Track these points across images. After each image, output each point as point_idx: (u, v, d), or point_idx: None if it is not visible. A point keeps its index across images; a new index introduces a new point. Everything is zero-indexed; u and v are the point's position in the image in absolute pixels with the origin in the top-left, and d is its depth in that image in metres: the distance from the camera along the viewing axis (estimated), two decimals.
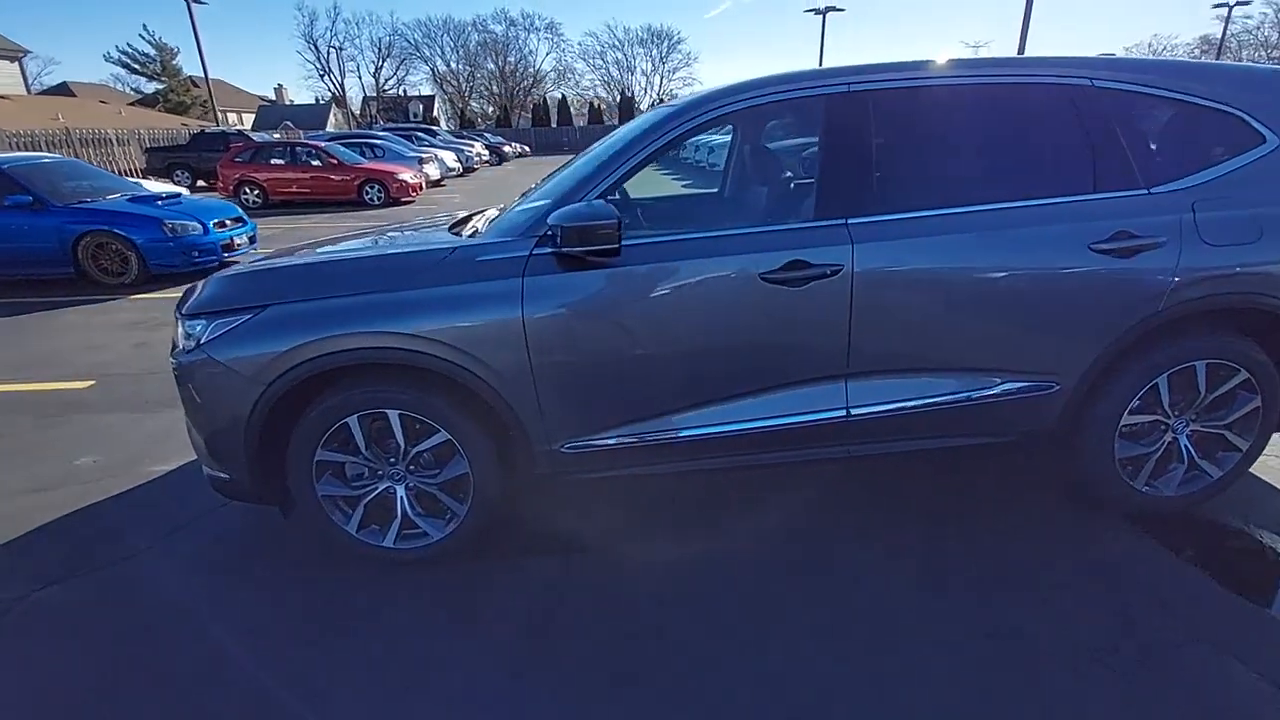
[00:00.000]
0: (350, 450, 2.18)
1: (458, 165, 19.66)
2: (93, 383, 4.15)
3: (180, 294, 2.49)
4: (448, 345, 2.04)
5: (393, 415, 2.13)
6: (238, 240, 7.38)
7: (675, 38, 61.05)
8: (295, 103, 59.25)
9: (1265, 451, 2.44)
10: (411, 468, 2.23)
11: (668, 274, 2.07)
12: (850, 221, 2.10)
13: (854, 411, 2.23)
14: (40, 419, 3.63)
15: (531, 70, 60.10)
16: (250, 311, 2.08)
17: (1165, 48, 58.71)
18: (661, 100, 57.55)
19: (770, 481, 2.77)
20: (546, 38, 74.40)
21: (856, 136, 2.15)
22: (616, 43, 60.18)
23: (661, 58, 60.33)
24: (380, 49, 56.97)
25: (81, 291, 6.44)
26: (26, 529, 2.59)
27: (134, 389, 4.03)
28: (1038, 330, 2.21)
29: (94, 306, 6.03)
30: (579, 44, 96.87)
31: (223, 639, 2.00)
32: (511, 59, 59.40)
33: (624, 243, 1.97)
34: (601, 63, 60.84)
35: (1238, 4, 34.30)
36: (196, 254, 6.85)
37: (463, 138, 26.76)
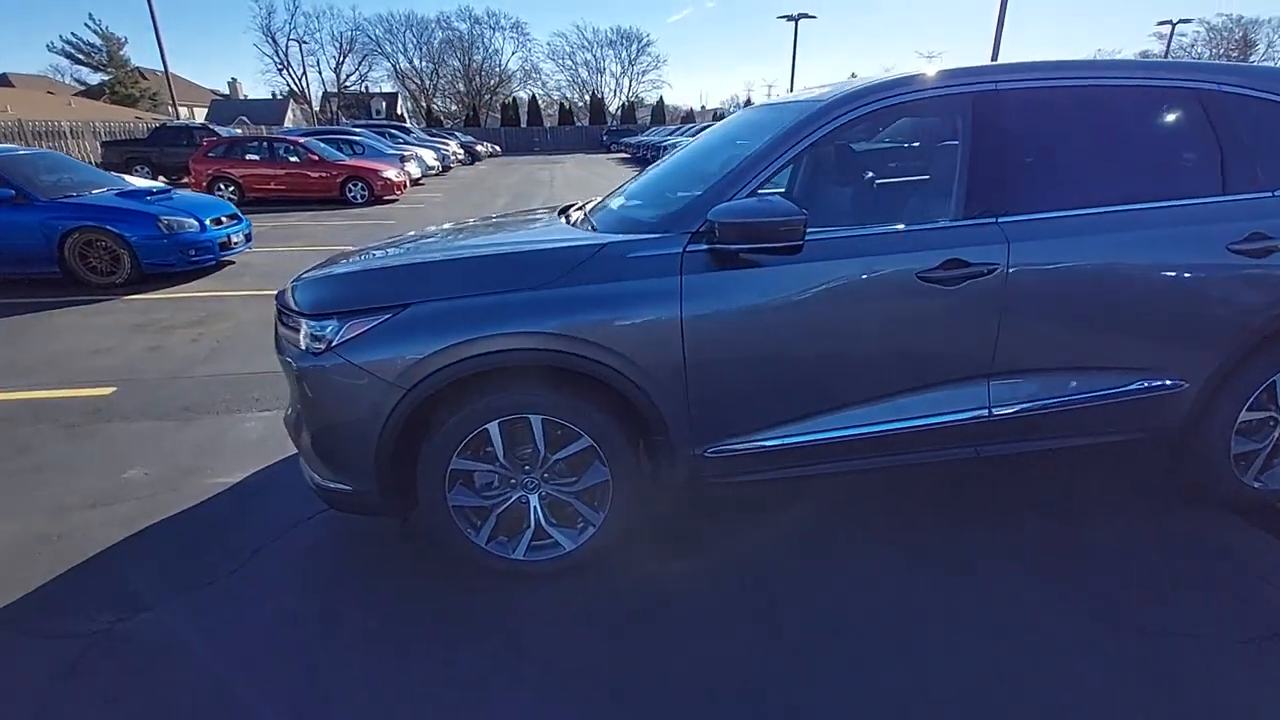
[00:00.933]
0: (486, 458, 2.05)
1: (437, 164, 19.22)
2: (114, 389, 3.85)
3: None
4: (601, 346, 1.94)
5: (535, 420, 2.01)
6: (234, 238, 7.02)
7: (644, 40, 61.24)
8: (250, 97, 57.14)
9: None
10: (546, 475, 2.11)
11: (834, 271, 2.00)
12: (1001, 220, 2.09)
13: (995, 411, 2.21)
14: (66, 428, 3.35)
15: (497, 69, 59.42)
16: (389, 311, 1.93)
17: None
18: (632, 104, 58.08)
19: (880, 484, 2.74)
20: (512, 37, 73.67)
21: (1006, 135, 2.13)
22: (586, 43, 60.01)
23: (631, 59, 60.44)
24: (342, 44, 55.44)
25: (68, 292, 6.00)
26: (95, 549, 2.36)
27: (162, 395, 3.76)
28: (1174, 328, 2.23)
29: (87, 308, 5.63)
30: (547, 44, 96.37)
31: (347, 666, 1.85)
32: (477, 57, 58.61)
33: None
34: (571, 63, 60.60)
35: (1180, 21, 36.40)
36: (193, 252, 6.48)
37: (435, 136, 26.20)
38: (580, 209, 2.84)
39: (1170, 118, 2.26)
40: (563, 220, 2.67)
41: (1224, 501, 2.53)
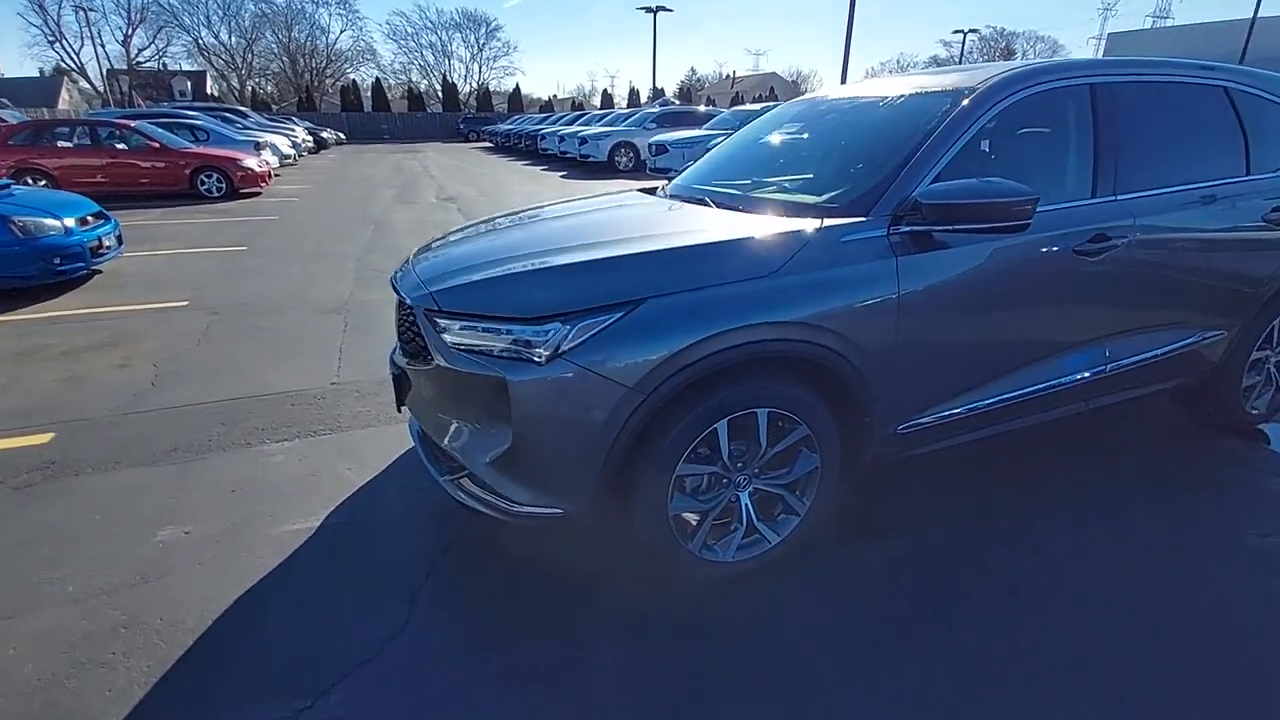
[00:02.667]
0: (708, 460, 1.92)
1: (293, 152, 17.12)
2: (52, 434, 3.03)
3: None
4: (831, 331, 1.89)
5: (761, 414, 1.91)
6: (106, 241, 5.79)
7: (492, 24, 59.13)
8: (6, 76, 46.75)
9: None
10: (759, 470, 2.03)
11: (1014, 248, 2.13)
12: (1120, 197, 2.35)
13: (1109, 367, 2.50)
14: (21, 490, 2.58)
15: (325, 48, 54.05)
16: (622, 309, 1.72)
17: (910, 64, 70.39)
18: (484, 89, 55.61)
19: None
20: (340, 13, 67.33)
21: (1117, 121, 2.39)
22: (429, 25, 56.58)
23: (479, 44, 57.98)
24: (131, 14, 47.09)
25: None
26: (194, 630, 1.87)
27: (125, 436, 3.03)
28: (1225, 286, 2.66)
29: None
30: (386, 23, 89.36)
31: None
32: (298, 34, 52.82)
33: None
34: (415, 45, 56.77)
35: (969, 31, 42.52)
36: (58, 260, 5.24)
37: (276, 122, 23.28)
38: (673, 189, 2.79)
39: (1216, 110, 2.68)
40: (678, 202, 2.60)
41: (1234, 427, 3.07)
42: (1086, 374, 2.45)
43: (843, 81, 24.97)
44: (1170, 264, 2.50)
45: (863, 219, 2.02)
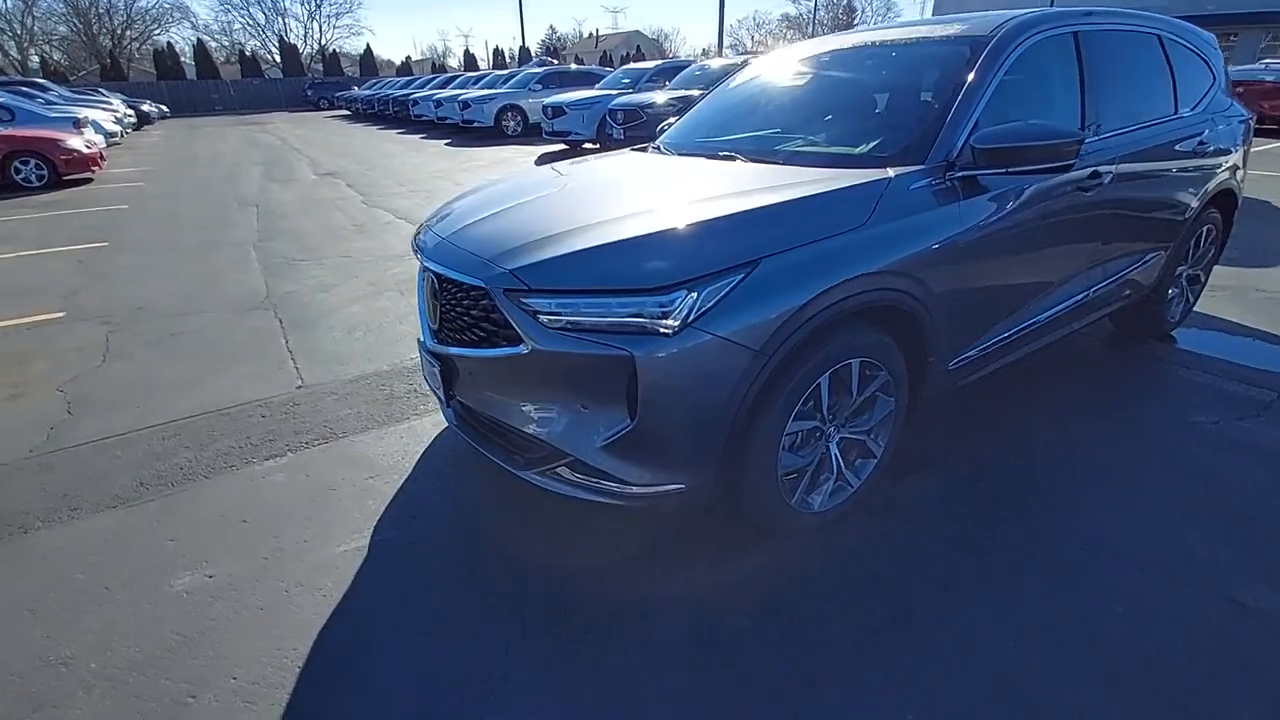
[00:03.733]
0: (811, 414, 1.93)
1: (118, 129, 14.61)
2: None
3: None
4: (912, 278, 1.94)
5: (855, 364, 1.93)
6: None
7: None
8: None
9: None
10: (845, 419, 2.07)
11: (1054, 185, 2.28)
12: (1103, 136, 2.58)
13: (1094, 289, 2.79)
14: None
15: (124, 6, 46.22)
16: (742, 270, 1.65)
17: (762, 21, 72.78)
18: (329, 51, 50.14)
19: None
20: None
21: (1094, 66, 2.60)
22: None
23: (316, 2, 52.13)
24: None
25: None
26: (287, 694, 1.62)
27: (67, 477, 2.52)
28: (1170, 209, 3.04)
29: None
30: None
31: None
32: None
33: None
34: (240, 0, 49.93)
35: None
36: None
37: (84, 95, 19.66)
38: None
39: (1154, 55, 3.00)
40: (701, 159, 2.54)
41: (1155, 334, 3.56)
42: (1080, 298, 2.72)
43: (719, 44, 25.28)
44: (1135, 195, 2.80)
45: (919, 166, 2.07)
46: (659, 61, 13.53)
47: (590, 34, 72.49)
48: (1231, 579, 1.91)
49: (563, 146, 13.18)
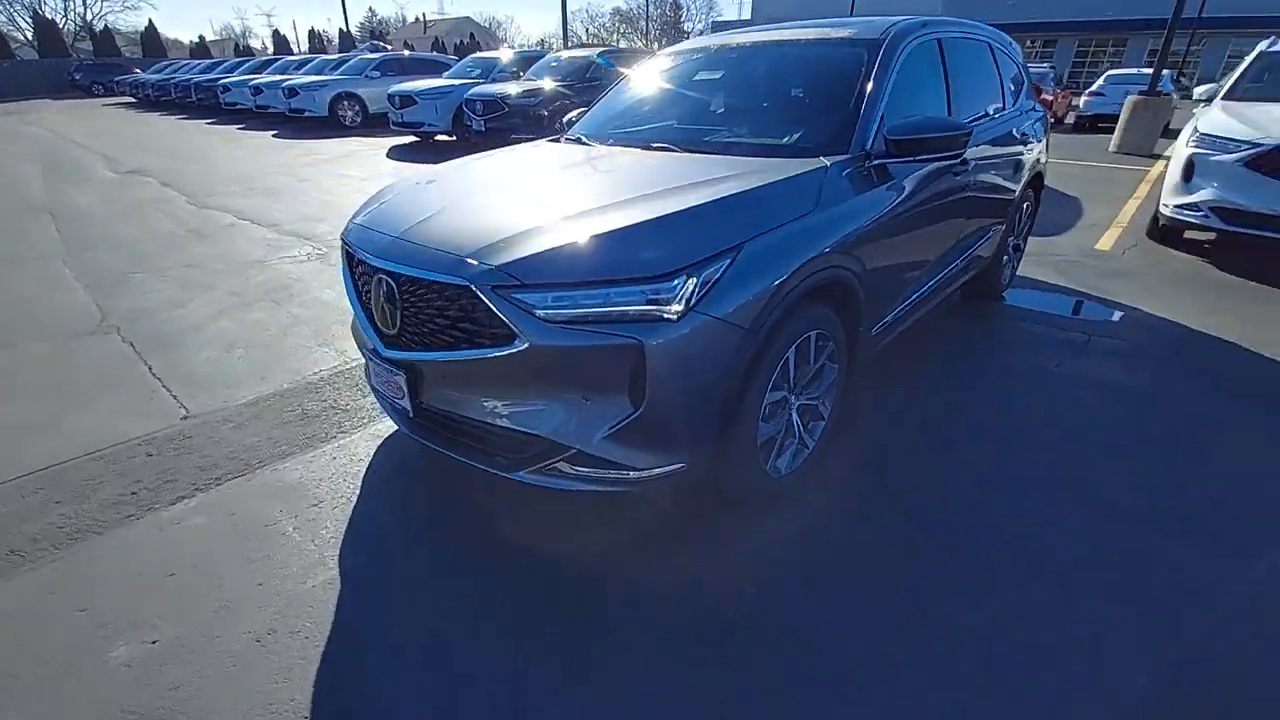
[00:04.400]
0: (779, 385, 2.08)
1: None
2: None
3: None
4: (853, 255, 2.17)
5: (812, 336, 2.12)
6: None
7: None
8: None
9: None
10: (803, 387, 2.26)
11: (939, 169, 2.62)
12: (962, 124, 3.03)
13: (961, 260, 3.27)
14: None
15: None
16: (730, 254, 1.74)
17: (596, 14, 73.62)
18: (98, 28, 42.14)
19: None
20: None
21: (954, 66, 3.03)
22: None
23: None
24: None
25: None
26: None
27: None
28: (1007, 190, 3.62)
29: None
30: None
31: None
32: None
33: None
34: None
35: None
36: None
37: None
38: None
39: (986, 59, 3.54)
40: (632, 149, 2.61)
41: (992, 296, 4.24)
42: (953, 267, 3.19)
43: (564, 35, 25.11)
44: (986, 178, 3.32)
45: (845, 155, 2.31)
46: (513, 51, 13.18)
47: (417, 19, 68.39)
48: (1103, 488, 2.39)
49: (413, 139, 12.44)
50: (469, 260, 1.76)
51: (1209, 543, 2.09)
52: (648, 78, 3.31)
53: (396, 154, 10.95)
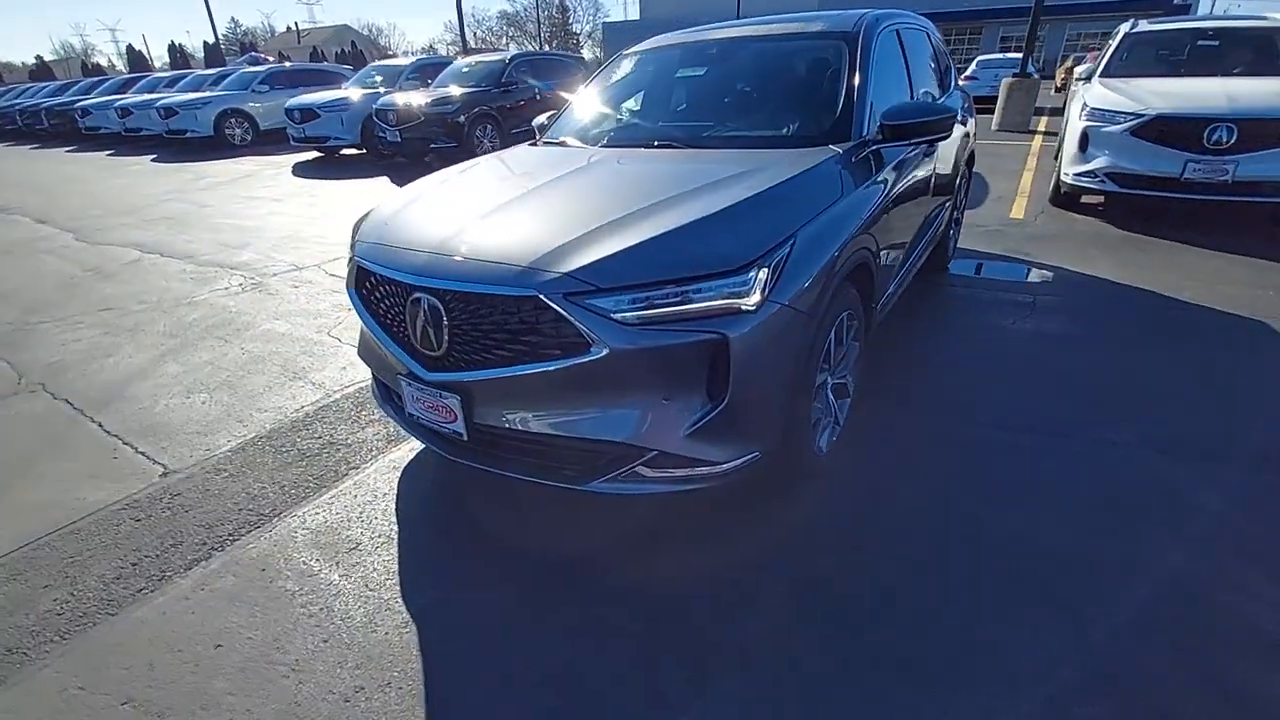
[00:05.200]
0: (824, 366, 2.15)
1: None
2: None
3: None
4: (871, 236, 2.27)
5: (844, 316, 2.20)
6: None
7: None
8: None
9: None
10: (838, 365, 2.33)
11: (919, 152, 2.78)
12: None
13: (930, 233, 3.49)
14: None
15: None
16: (788, 243, 1.78)
17: (482, 18, 72.18)
18: None
19: None
20: None
21: (909, 55, 3.23)
22: None
23: None
24: None
25: None
26: None
27: None
28: (957, 168, 3.90)
29: None
30: None
31: None
32: None
33: None
34: None
35: None
36: None
37: None
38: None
39: (927, 46, 3.79)
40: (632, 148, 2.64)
41: (945, 266, 4.55)
42: (925, 240, 3.40)
43: (462, 41, 24.47)
44: (943, 155, 3.56)
45: (851, 143, 2.41)
46: (415, 58, 12.65)
47: (289, 28, 64.19)
48: (1088, 426, 2.63)
49: (317, 155, 11.72)
50: (534, 269, 1.70)
51: (1178, 446, 2.37)
52: (620, 78, 3.30)
53: (304, 171, 10.27)
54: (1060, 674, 1.58)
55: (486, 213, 2.04)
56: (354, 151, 11.70)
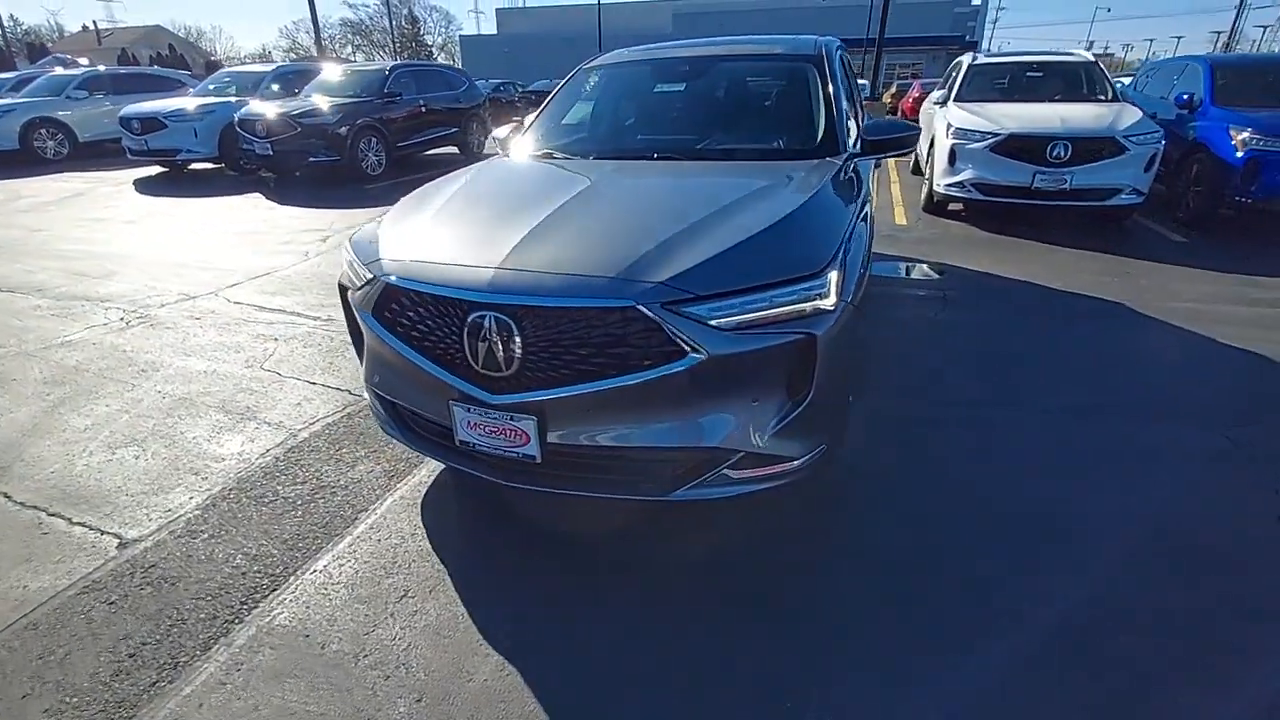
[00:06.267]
0: None
1: None
2: None
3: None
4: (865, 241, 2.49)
5: None
6: None
7: None
8: None
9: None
10: None
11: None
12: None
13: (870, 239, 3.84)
14: None
15: None
16: (842, 246, 1.90)
17: (322, 24, 67.50)
18: None
19: None
20: None
21: (846, 75, 3.54)
22: None
23: None
24: None
25: None
26: None
27: None
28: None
29: None
30: None
31: None
32: None
33: None
34: None
35: None
36: None
37: None
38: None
39: (846, 66, 4.18)
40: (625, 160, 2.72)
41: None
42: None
43: (317, 45, 23.14)
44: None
45: (843, 154, 2.62)
46: (276, 65, 11.55)
47: (85, 27, 55.63)
48: (1027, 397, 3.05)
49: (159, 170, 10.32)
50: (627, 280, 1.68)
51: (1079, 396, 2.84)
52: (591, 93, 3.31)
53: (151, 188, 9.00)
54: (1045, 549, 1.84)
55: (536, 226, 1.97)
56: (206, 166, 10.45)
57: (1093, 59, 7.50)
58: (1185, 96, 6.80)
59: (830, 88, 2.86)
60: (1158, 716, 1.54)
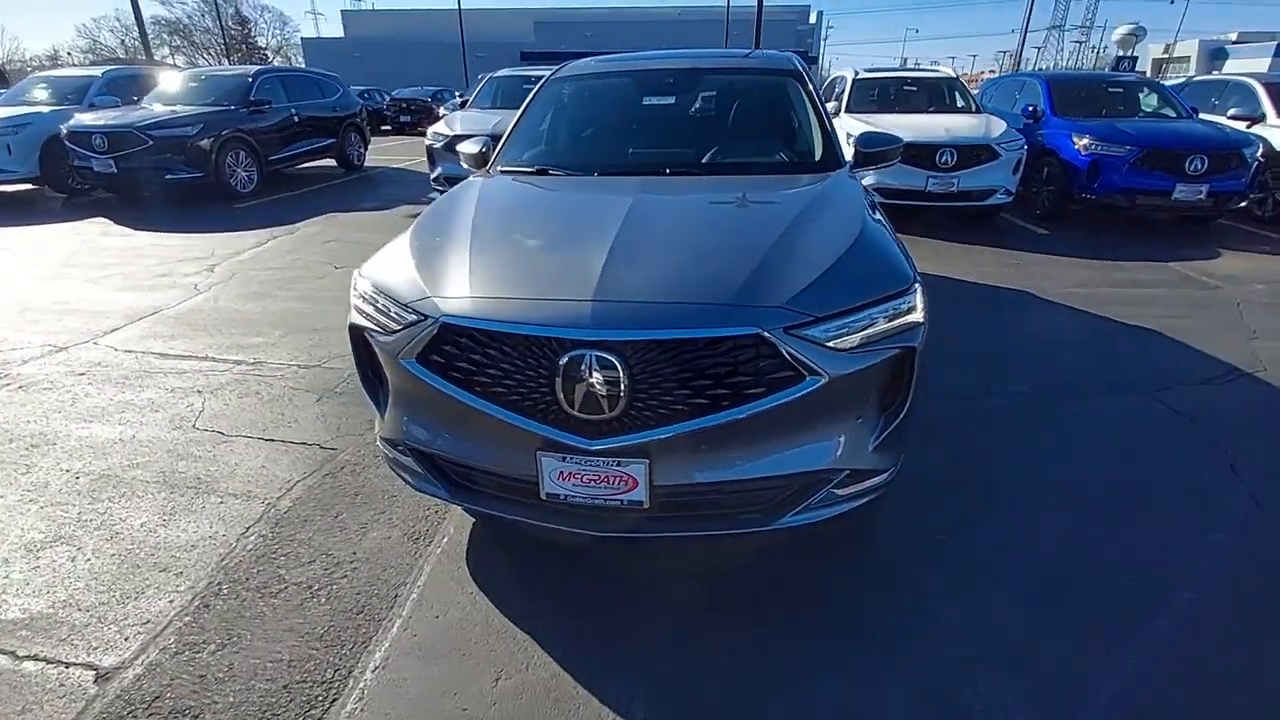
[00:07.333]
0: None
1: None
2: None
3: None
4: None
5: None
6: None
7: None
8: None
9: None
10: None
11: None
12: None
13: None
14: None
15: None
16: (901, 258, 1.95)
17: (131, 24, 59.31)
18: None
19: None
20: None
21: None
22: None
23: None
24: None
25: None
26: None
27: None
28: None
29: None
30: None
31: None
32: None
33: None
34: None
35: None
36: None
37: None
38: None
39: None
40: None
41: None
42: None
43: (145, 47, 20.60)
44: None
45: (842, 169, 2.70)
46: (107, 68, 9.85)
47: None
48: (997, 385, 3.35)
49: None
50: (746, 305, 1.60)
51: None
52: (570, 106, 3.15)
53: None
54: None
55: (612, 250, 1.82)
56: (20, 188, 8.74)
57: (955, 75, 8.43)
58: (1030, 108, 7.84)
59: (817, 101, 2.95)
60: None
